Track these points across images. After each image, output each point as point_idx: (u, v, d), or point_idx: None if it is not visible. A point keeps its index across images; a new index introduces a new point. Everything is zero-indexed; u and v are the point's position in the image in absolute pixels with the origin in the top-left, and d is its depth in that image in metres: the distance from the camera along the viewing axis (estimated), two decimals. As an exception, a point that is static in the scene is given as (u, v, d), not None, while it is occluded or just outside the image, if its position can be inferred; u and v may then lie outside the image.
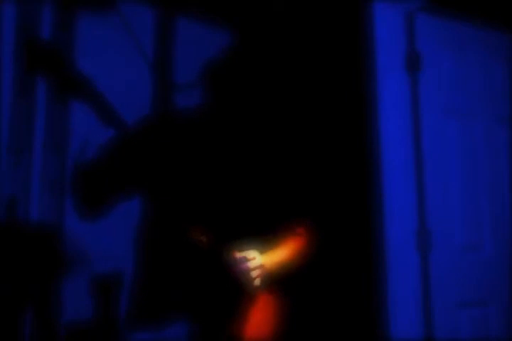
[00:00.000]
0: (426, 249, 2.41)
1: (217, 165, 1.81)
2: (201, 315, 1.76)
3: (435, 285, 2.39)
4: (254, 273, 1.74)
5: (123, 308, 2.28)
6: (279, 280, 1.80)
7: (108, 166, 1.78)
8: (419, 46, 2.54)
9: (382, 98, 2.46)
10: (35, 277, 2.22)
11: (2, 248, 2.17)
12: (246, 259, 1.74)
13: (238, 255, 1.74)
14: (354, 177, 2.45)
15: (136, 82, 2.61)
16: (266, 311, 1.77)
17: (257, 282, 1.75)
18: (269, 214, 1.83)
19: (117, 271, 2.30)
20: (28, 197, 2.26)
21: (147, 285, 1.81)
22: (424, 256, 2.41)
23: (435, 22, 2.58)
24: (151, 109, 2.62)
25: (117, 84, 2.53)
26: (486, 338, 2.51)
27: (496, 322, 2.56)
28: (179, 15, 2.74)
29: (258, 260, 1.76)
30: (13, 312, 2.17)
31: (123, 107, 2.47)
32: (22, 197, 2.24)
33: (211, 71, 1.84)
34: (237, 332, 1.72)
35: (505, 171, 2.71)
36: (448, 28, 2.62)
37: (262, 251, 1.80)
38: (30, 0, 2.32)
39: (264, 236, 1.81)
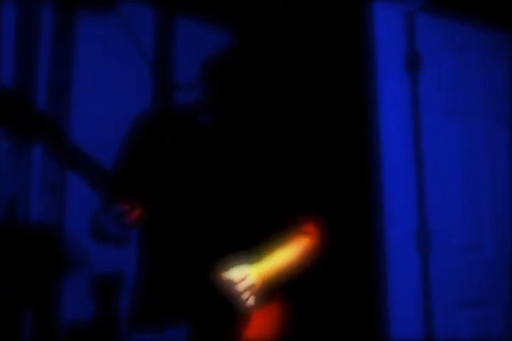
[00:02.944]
0: (426, 248, 2.41)
1: (212, 165, 1.79)
2: (199, 325, 1.71)
3: (435, 285, 2.38)
4: (244, 296, 1.63)
5: (123, 308, 2.27)
6: (280, 287, 1.73)
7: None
8: (419, 46, 2.54)
9: (382, 98, 2.46)
10: (35, 277, 2.22)
11: (2, 248, 2.17)
12: (234, 282, 1.62)
13: (225, 278, 1.63)
14: (354, 178, 2.45)
15: (136, 82, 2.61)
16: (267, 316, 1.74)
17: (250, 302, 1.64)
18: (264, 217, 1.77)
19: (117, 271, 2.30)
20: (28, 197, 2.26)
21: (148, 287, 1.79)
22: (424, 256, 2.40)
23: (435, 22, 2.58)
24: (151, 109, 2.62)
25: (117, 84, 2.53)
26: (486, 338, 2.50)
27: (496, 322, 2.55)
28: (179, 15, 2.74)
29: (248, 280, 1.64)
30: (13, 312, 2.16)
31: (123, 108, 2.47)
32: (22, 197, 2.24)
33: (210, 70, 1.83)
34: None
35: (505, 171, 2.71)
36: (448, 28, 2.62)
37: (255, 262, 1.69)
38: (30, 0, 2.32)
39: (260, 242, 1.73)
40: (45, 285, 2.25)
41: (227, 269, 1.66)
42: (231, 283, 1.63)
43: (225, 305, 1.64)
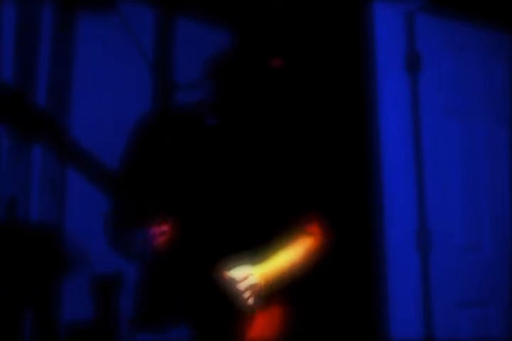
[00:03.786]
0: (426, 248, 2.41)
1: (217, 165, 1.79)
2: (200, 325, 1.71)
3: (435, 285, 2.39)
4: (246, 295, 1.63)
5: (123, 308, 2.27)
6: (282, 289, 1.73)
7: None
8: (419, 46, 2.54)
9: (382, 98, 2.46)
10: (35, 277, 2.22)
11: (2, 248, 2.17)
12: (235, 281, 1.63)
13: (227, 276, 1.64)
14: (354, 178, 2.45)
15: (136, 82, 2.61)
16: (269, 316, 1.73)
17: (251, 302, 1.65)
18: (267, 218, 1.76)
19: (117, 271, 2.30)
20: (28, 197, 2.26)
21: (151, 286, 1.79)
22: (424, 256, 2.41)
23: (435, 22, 2.58)
24: (151, 109, 2.62)
25: (117, 84, 2.53)
26: (486, 338, 2.50)
27: (496, 322, 2.56)
28: (179, 15, 2.74)
29: (250, 279, 1.64)
30: (13, 312, 2.17)
31: (123, 108, 2.47)
32: (22, 197, 2.24)
33: (214, 70, 1.83)
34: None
35: (505, 171, 2.71)
36: (448, 28, 2.62)
37: (258, 261, 1.69)
38: (30, 0, 2.32)
39: (264, 242, 1.73)
40: (45, 285, 2.25)
41: (229, 268, 1.66)
42: (233, 282, 1.64)
43: (227, 305, 1.65)
